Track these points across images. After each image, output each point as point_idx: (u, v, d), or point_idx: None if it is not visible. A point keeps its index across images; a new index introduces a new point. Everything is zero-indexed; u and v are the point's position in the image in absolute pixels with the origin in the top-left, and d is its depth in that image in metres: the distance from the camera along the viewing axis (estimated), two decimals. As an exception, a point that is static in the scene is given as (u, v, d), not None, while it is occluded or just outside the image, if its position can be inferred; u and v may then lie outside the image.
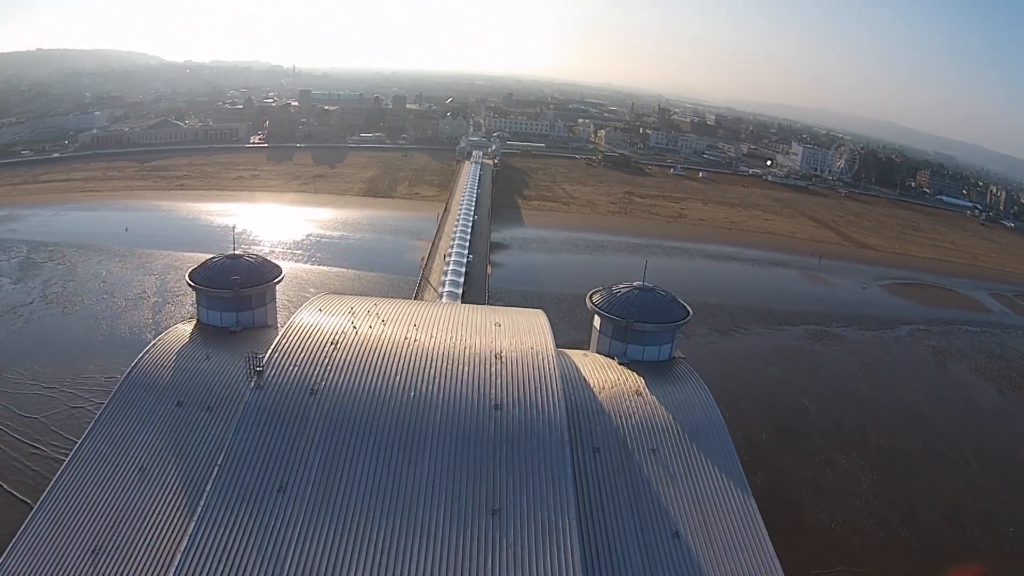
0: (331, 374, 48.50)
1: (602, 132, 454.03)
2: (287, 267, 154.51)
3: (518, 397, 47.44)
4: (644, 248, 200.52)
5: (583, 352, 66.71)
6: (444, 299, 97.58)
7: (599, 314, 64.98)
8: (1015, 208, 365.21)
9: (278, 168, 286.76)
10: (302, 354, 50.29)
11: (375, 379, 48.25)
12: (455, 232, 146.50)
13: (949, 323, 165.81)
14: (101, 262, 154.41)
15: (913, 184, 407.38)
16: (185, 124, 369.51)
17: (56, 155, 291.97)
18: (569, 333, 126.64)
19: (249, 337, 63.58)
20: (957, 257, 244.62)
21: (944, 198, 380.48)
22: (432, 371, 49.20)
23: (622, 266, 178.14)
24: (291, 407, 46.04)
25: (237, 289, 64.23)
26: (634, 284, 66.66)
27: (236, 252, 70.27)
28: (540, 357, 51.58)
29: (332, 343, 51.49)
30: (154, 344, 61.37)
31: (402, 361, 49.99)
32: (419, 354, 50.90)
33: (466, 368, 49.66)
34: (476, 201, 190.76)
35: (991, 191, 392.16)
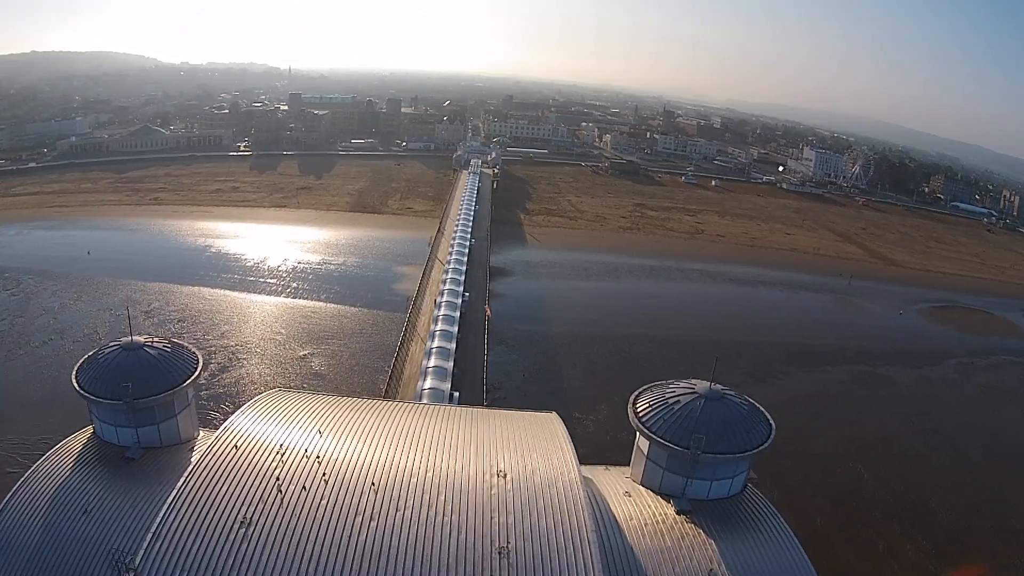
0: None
1: (607, 137, 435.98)
2: (256, 300, 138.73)
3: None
4: (662, 271, 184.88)
5: (623, 483, 46.99)
6: (429, 381, 78.09)
7: (650, 438, 44.99)
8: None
9: (260, 179, 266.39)
10: (196, 546, 31.88)
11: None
12: (449, 261, 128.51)
13: (992, 353, 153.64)
14: (56, 293, 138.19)
15: (927, 190, 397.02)
16: (168, 130, 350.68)
17: (32, 164, 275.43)
18: (583, 387, 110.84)
19: (148, 470, 45.28)
20: (984, 272, 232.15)
21: (959, 204, 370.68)
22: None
23: (640, 296, 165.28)
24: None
25: (130, 400, 45.51)
26: (697, 388, 46.41)
27: (137, 338, 50.34)
28: (573, 556, 32.62)
29: (243, 523, 32.96)
30: (25, 479, 43.73)
31: (351, 564, 31.15)
32: (380, 550, 32.02)
33: (454, 581, 30.74)
34: (473, 220, 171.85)
35: (1004, 196, 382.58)
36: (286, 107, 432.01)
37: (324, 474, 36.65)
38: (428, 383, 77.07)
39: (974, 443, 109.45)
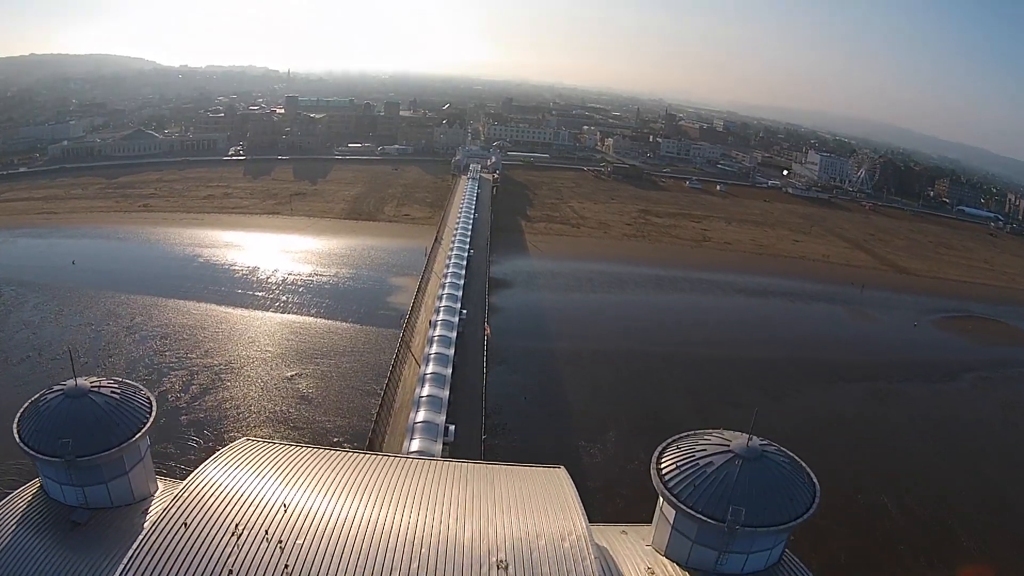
0: None
1: (609, 141, 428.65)
2: (243, 315, 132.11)
3: None
4: (669, 282, 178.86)
5: (645, 555, 40.40)
6: (422, 413, 71.67)
7: (677, 507, 38.30)
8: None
9: (254, 185, 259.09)
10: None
11: None
12: (446, 275, 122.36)
13: (1008, 365, 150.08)
14: (38, 305, 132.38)
15: (932, 194, 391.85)
16: (163, 135, 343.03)
17: (23, 169, 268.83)
18: (589, 410, 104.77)
19: (94, 540, 39.25)
20: (994, 279, 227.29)
21: (965, 209, 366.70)
22: None
23: (647, 309, 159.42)
24: None
25: (71, 458, 39.14)
26: (732, 444, 39.53)
27: (83, 381, 43.47)
28: None
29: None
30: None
31: None
32: None
33: None
34: (472, 228, 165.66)
35: (1009, 200, 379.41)
36: (283, 110, 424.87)
37: (287, 566, 30.15)
38: (421, 415, 71.01)
39: (995, 464, 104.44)
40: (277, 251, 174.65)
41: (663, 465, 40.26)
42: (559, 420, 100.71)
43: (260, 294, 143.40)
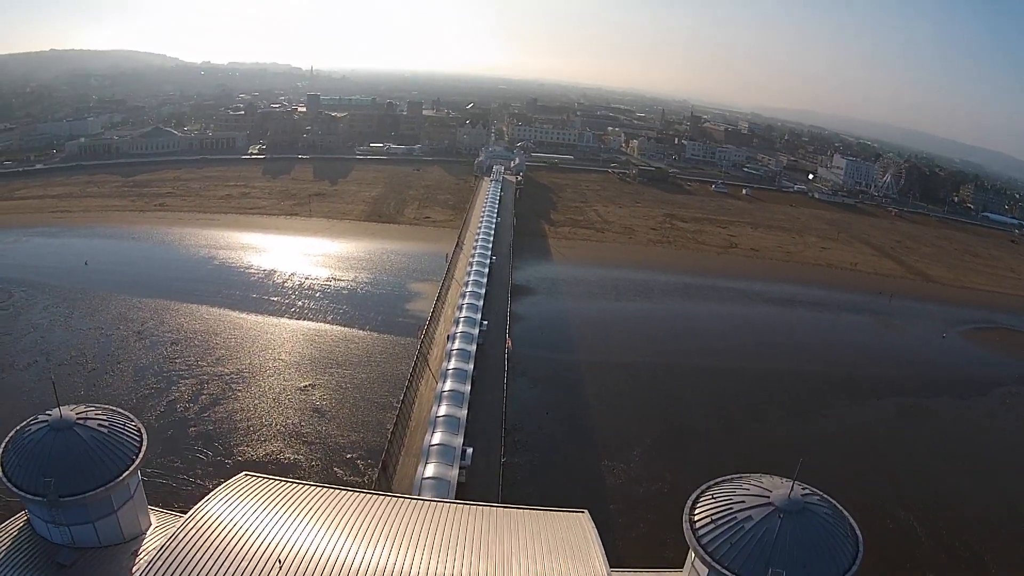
0: None
1: (634, 142, 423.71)
2: (258, 321, 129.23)
3: None
4: (696, 290, 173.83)
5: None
6: (438, 434, 68.04)
7: (711, 566, 34.39)
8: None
9: (272, 184, 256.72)
10: None
11: None
12: (467, 283, 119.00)
13: None
14: (48, 308, 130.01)
15: (956, 199, 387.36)
16: (182, 132, 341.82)
17: (40, 166, 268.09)
18: (613, 427, 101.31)
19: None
20: (1021, 288, 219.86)
21: (990, 215, 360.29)
22: None
23: (673, 319, 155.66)
24: None
25: (53, 498, 35.81)
26: (772, 495, 35.56)
27: (68, 411, 40.06)
28: None
29: None
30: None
31: None
32: None
33: None
34: (495, 234, 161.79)
35: None
36: (304, 109, 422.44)
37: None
38: (437, 437, 67.33)
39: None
40: (294, 254, 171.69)
41: (697, 516, 36.40)
42: (581, 436, 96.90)
43: (275, 299, 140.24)
